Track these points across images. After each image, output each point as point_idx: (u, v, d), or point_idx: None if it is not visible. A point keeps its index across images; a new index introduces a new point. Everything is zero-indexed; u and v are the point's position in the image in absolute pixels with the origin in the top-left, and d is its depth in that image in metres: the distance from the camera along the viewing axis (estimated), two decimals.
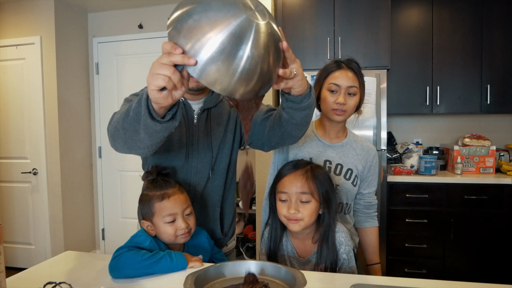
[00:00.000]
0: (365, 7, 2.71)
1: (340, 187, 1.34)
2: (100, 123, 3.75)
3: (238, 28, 0.69)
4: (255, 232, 3.18)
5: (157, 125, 0.82)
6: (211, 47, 0.68)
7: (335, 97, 1.29)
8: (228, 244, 1.36)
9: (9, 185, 3.46)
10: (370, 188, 1.42)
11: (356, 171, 1.36)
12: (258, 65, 0.72)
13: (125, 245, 1.03)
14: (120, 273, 0.98)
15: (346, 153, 1.38)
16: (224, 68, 0.69)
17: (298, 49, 2.79)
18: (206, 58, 0.69)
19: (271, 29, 0.75)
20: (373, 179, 1.42)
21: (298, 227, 1.10)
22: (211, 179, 1.24)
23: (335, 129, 1.38)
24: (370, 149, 1.41)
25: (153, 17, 3.53)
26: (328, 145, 1.38)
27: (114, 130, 0.96)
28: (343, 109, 1.29)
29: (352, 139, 1.41)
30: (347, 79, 1.28)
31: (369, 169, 1.39)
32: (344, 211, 1.38)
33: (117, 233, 3.75)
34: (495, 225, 2.65)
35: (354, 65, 1.32)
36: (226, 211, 1.31)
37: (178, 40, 0.71)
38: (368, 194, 1.42)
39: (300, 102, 0.95)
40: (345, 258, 1.12)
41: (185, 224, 1.07)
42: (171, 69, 0.71)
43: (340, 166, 1.35)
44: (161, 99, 0.76)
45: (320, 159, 1.35)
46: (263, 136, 1.17)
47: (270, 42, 0.74)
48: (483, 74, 2.91)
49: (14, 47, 3.37)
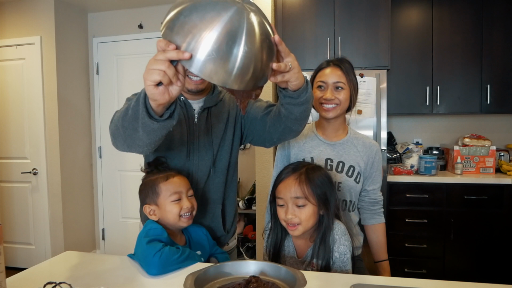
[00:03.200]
0: (365, 7, 2.71)
1: (343, 184, 1.34)
2: (100, 123, 3.75)
3: (230, 19, 0.71)
4: (255, 232, 3.18)
5: (155, 124, 0.83)
6: (205, 39, 0.70)
7: (322, 93, 1.33)
8: (229, 243, 1.37)
9: (9, 185, 3.46)
10: (374, 184, 1.41)
11: (358, 168, 1.36)
12: (253, 54, 0.74)
13: (149, 238, 1.04)
14: (164, 269, 1.00)
15: (348, 151, 1.38)
16: (220, 58, 0.71)
17: (298, 49, 2.79)
18: (201, 51, 0.70)
19: (262, 19, 0.77)
20: (376, 176, 1.41)
21: (297, 232, 1.11)
22: (212, 177, 1.25)
23: (332, 127, 1.40)
24: (372, 145, 1.40)
25: (153, 17, 3.53)
26: (328, 143, 1.39)
27: (114, 129, 0.97)
28: (332, 104, 1.32)
29: (353, 136, 1.41)
30: (333, 76, 1.32)
31: (372, 166, 1.39)
32: (348, 209, 1.38)
33: (117, 233, 3.75)
34: (495, 225, 2.65)
35: (344, 63, 1.35)
36: (228, 208, 1.32)
37: (171, 38, 0.72)
38: (373, 191, 1.42)
39: (298, 97, 0.96)
40: (337, 256, 1.11)
41: (190, 203, 1.11)
42: (165, 64, 0.73)
43: (342, 164, 1.36)
44: (158, 95, 0.76)
45: (321, 158, 1.36)
46: (264, 133, 1.19)
47: (263, 32, 0.76)
48: (483, 74, 2.91)
49: (14, 47, 3.37)
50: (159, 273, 0.99)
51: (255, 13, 0.76)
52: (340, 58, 1.38)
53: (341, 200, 1.35)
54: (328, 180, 1.15)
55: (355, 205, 1.40)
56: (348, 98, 1.34)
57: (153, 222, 1.11)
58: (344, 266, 1.11)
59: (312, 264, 1.13)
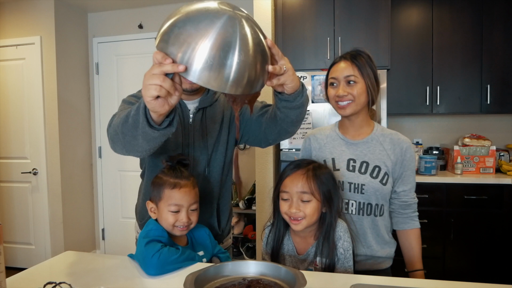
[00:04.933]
0: (365, 7, 2.71)
1: (367, 187, 1.24)
2: (100, 123, 3.75)
3: (223, 26, 0.73)
4: (255, 232, 3.18)
5: (155, 132, 0.86)
6: (200, 47, 0.71)
7: (335, 90, 1.25)
8: (224, 242, 1.38)
9: (9, 185, 3.46)
10: (405, 185, 1.28)
11: (385, 168, 1.25)
12: (248, 59, 0.75)
13: (149, 239, 1.04)
14: (163, 269, 1.00)
15: (372, 149, 1.27)
16: (216, 66, 0.72)
17: (298, 49, 2.79)
18: (197, 59, 0.72)
19: (253, 25, 0.79)
20: (407, 175, 1.28)
21: (301, 227, 1.11)
22: (207, 176, 1.26)
23: (354, 125, 1.30)
24: (401, 141, 1.28)
25: (153, 17, 3.53)
26: (351, 142, 1.30)
27: (113, 134, 0.98)
28: (345, 100, 1.23)
29: (379, 133, 1.30)
30: (343, 70, 1.24)
31: (401, 165, 1.26)
32: (374, 213, 1.26)
33: (117, 233, 3.75)
34: (495, 225, 2.64)
35: (357, 55, 1.25)
36: (223, 208, 1.33)
37: (167, 49, 0.74)
38: (403, 193, 1.28)
39: (294, 100, 0.98)
40: (342, 252, 1.12)
41: (187, 219, 1.09)
42: (161, 78, 0.74)
43: (366, 164, 1.26)
44: (157, 107, 0.79)
45: (342, 159, 1.28)
46: (260, 133, 1.20)
47: (256, 36, 0.78)
48: (483, 74, 2.91)
49: (14, 47, 3.38)
50: (157, 274, 0.99)
51: (246, 20, 0.78)
52: (354, 50, 1.28)
53: (366, 203, 1.25)
54: (332, 178, 1.17)
55: (383, 209, 1.28)
56: (363, 92, 1.23)
57: (154, 222, 1.11)
58: (347, 262, 1.13)
59: (315, 263, 1.13)
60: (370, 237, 1.27)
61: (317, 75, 2.65)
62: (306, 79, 2.67)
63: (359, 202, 1.26)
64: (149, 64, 3.80)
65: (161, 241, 1.05)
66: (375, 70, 1.27)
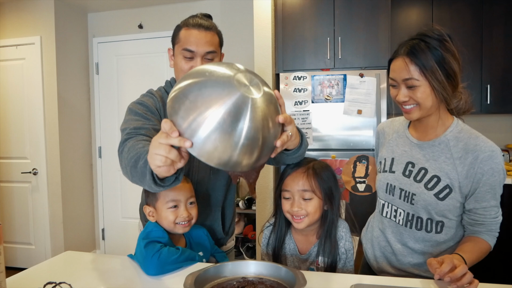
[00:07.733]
0: (365, 7, 2.71)
1: (417, 197, 1.07)
2: (100, 123, 3.75)
3: (233, 106, 0.71)
4: (255, 232, 3.18)
5: (161, 188, 0.87)
6: (208, 126, 0.70)
7: (396, 92, 1.07)
8: (227, 244, 1.38)
9: (9, 185, 3.46)
10: (478, 203, 1.04)
11: (446, 180, 1.04)
12: (256, 141, 0.75)
13: (148, 240, 1.04)
14: (163, 269, 1.00)
15: (436, 155, 1.07)
16: (222, 146, 0.72)
17: (298, 49, 2.79)
18: (203, 138, 0.71)
19: (268, 101, 0.77)
20: (483, 192, 1.02)
21: (303, 225, 1.11)
22: (213, 178, 1.26)
23: (423, 124, 1.12)
24: (477, 149, 1.02)
25: (153, 17, 3.53)
26: (416, 143, 1.13)
27: (123, 166, 0.99)
28: (408, 104, 1.05)
29: (453, 135, 1.07)
30: (400, 70, 1.04)
31: (474, 178, 1.02)
32: (426, 229, 1.09)
33: (117, 233, 3.75)
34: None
35: (416, 47, 1.03)
36: (227, 211, 1.33)
37: (176, 120, 0.73)
38: (474, 210, 1.05)
39: (293, 154, 1.00)
40: (343, 252, 1.13)
41: (187, 213, 1.09)
42: (167, 149, 0.74)
43: (424, 171, 1.08)
44: (163, 172, 0.79)
45: (402, 160, 1.15)
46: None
47: (267, 115, 0.76)
48: (483, 74, 2.91)
49: (14, 47, 3.38)
50: (157, 274, 0.99)
51: (259, 93, 0.76)
52: (417, 37, 1.06)
53: (416, 216, 1.10)
54: (333, 176, 1.17)
55: (441, 226, 1.07)
56: (429, 95, 1.01)
57: (154, 224, 1.11)
58: (349, 262, 1.13)
59: (316, 262, 1.13)
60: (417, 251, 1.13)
61: (317, 75, 2.65)
62: (306, 79, 2.67)
63: (407, 213, 1.12)
64: (149, 64, 3.81)
65: (161, 242, 1.05)
66: (451, 59, 1.01)
